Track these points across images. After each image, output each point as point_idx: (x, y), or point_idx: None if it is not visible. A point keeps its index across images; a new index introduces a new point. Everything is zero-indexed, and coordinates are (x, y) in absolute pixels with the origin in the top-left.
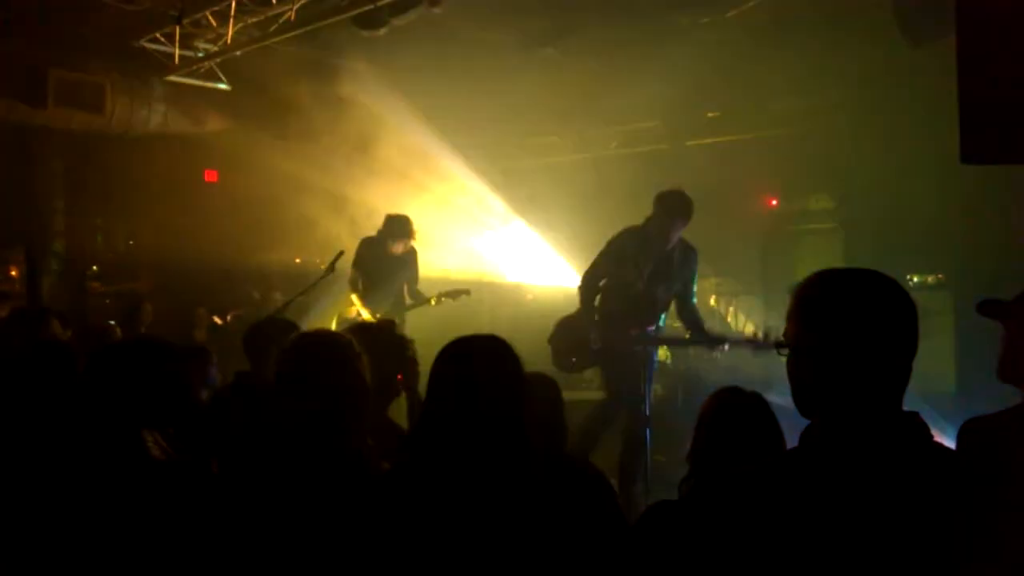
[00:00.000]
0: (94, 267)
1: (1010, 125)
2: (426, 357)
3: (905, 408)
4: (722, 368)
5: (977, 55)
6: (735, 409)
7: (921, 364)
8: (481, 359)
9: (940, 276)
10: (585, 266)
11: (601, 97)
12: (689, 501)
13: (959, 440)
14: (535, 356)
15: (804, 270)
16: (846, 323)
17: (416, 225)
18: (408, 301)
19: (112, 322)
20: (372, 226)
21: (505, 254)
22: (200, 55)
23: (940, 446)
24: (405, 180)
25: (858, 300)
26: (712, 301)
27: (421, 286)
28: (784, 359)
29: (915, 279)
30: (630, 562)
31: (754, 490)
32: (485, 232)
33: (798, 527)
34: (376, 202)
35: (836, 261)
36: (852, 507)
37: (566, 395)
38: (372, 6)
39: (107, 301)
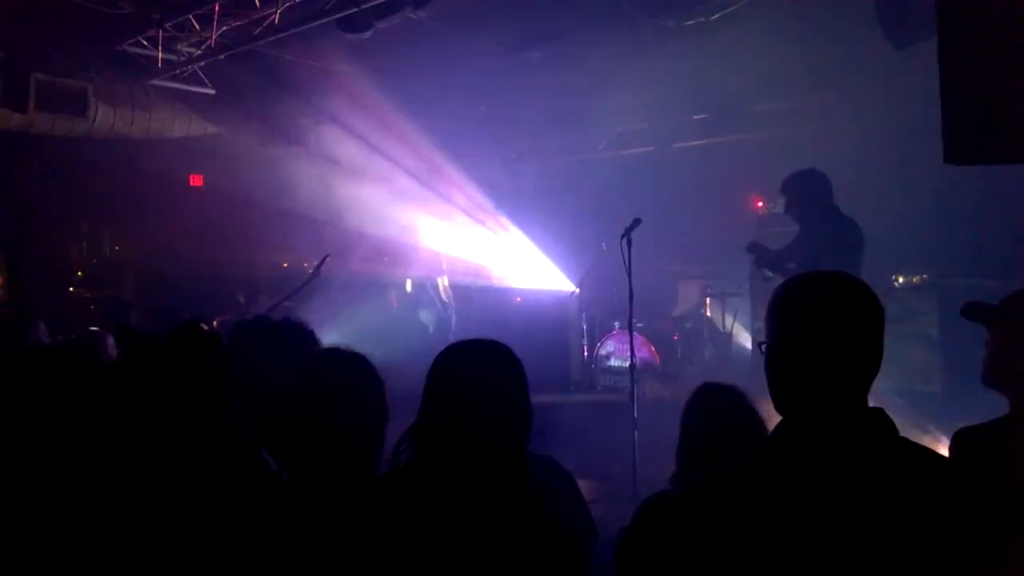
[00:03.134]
0: (79, 272)
1: (992, 126)
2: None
3: (900, 407)
4: (712, 370)
5: (959, 56)
6: (713, 404)
7: (907, 364)
8: (479, 367)
9: (925, 277)
10: (573, 268)
11: (588, 100)
12: (675, 498)
13: (952, 449)
14: (523, 357)
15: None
16: (809, 323)
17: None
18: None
19: (95, 328)
20: (359, 230)
21: (492, 256)
22: (183, 59)
23: (906, 441)
24: (392, 183)
25: (822, 302)
26: (699, 302)
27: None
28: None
29: (900, 279)
30: (618, 558)
31: (727, 490)
32: (472, 235)
33: (769, 524)
34: (364, 206)
35: None
36: (820, 503)
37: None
38: (356, 9)
39: (92, 307)
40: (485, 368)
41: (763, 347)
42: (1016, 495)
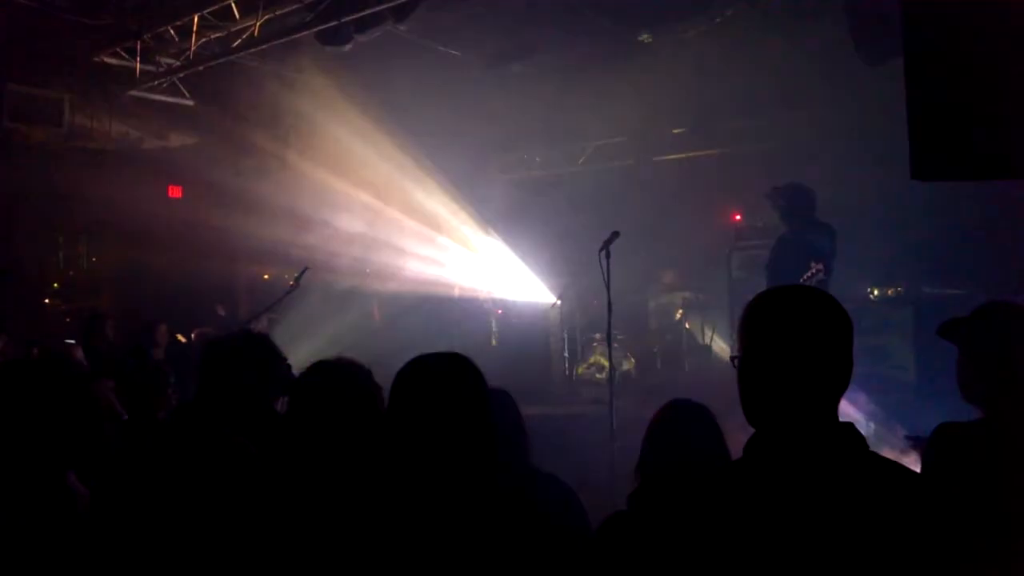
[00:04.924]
0: (55, 284)
1: (958, 141)
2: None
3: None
4: (692, 382)
5: (924, 73)
6: (677, 422)
7: (882, 375)
8: (441, 378)
9: (900, 289)
10: (554, 280)
11: (568, 114)
12: (638, 515)
13: (932, 440)
14: (506, 369)
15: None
16: (779, 337)
17: None
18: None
19: (71, 341)
20: (340, 241)
21: (474, 269)
22: (162, 70)
23: (876, 456)
24: (373, 196)
25: (791, 316)
26: (678, 314)
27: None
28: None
29: (876, 292)
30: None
31: (697, 503)
32: (454, 247)
33: (738, 539)
34: (344, 218)
35: None
36: (789, 518)
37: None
38: (336, 22)
39: (68, 319)
40: (444, 380)
41: (735, 361)
42: (986, 501)
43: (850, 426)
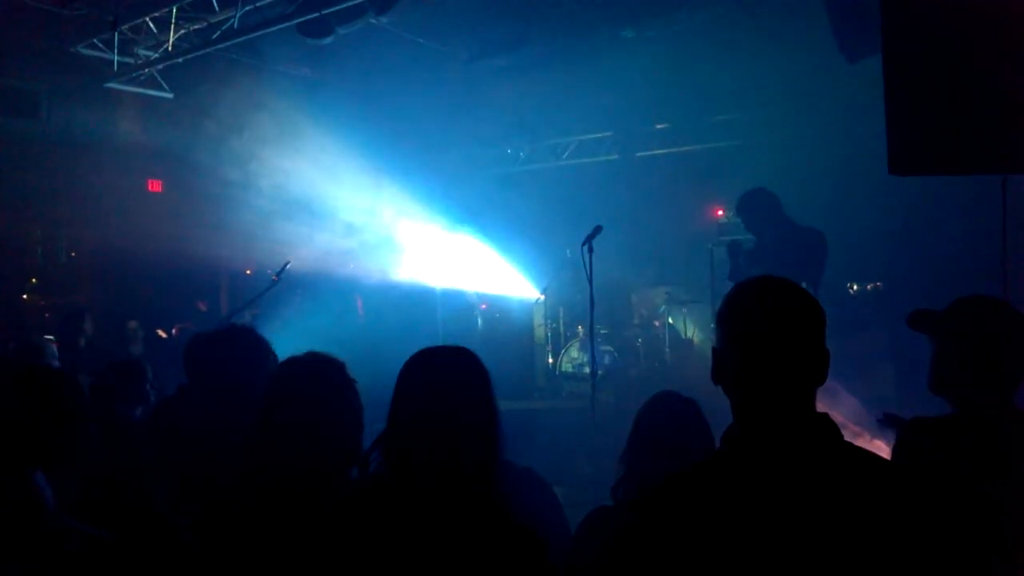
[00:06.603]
0: (33, 279)
1: (935, 137)
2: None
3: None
4: (674, 377)
5: (903, 69)
6: (667, 413)
7: (860, 370)
8: (450, 370)
9: (878, 285)
10: (538, 275)
11: (552, 108)
12: (623, 506)
13: (903, 435)
14: (489, 363)
15: None
16: (751, 329)
17: None
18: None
19: (50, 337)
20: (322, 236)
21: (457, 264)
22: (140, 62)
23: (850, 446)
24: (355, 190)
25: (763, 306)
26: (661, 309)
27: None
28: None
29: (854, 287)
30: (571, 567)
31: (679, 496)
32: (437, 242)
33: (720, 529)
34: (327, 211)
35: None
36: (769, 509)
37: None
38: (317, 14)
39: (46, 314)
40: (453, 374)
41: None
42: (957, 493)
43: (825, 416)
